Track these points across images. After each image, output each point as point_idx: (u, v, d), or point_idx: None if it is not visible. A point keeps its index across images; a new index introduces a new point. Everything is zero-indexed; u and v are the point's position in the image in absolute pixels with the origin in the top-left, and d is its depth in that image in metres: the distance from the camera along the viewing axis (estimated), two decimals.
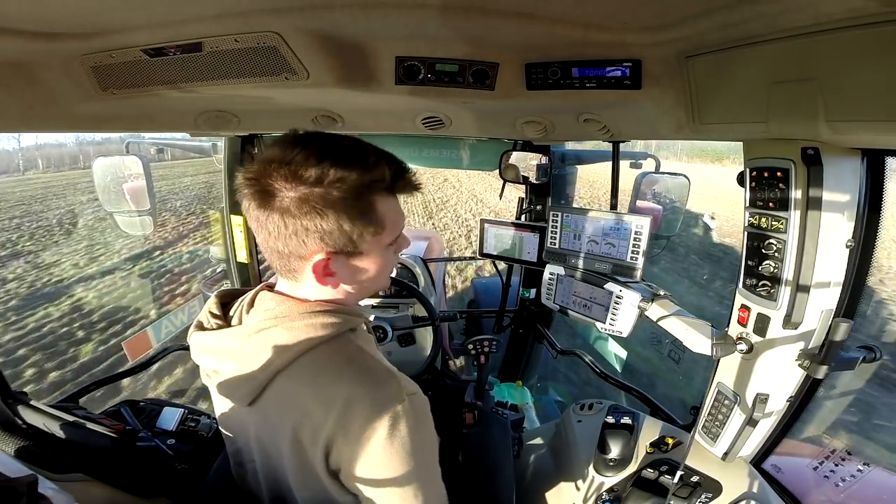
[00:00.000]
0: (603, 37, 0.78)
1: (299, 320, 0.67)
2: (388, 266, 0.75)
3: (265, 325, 0.67)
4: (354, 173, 0.63)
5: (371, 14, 0.73)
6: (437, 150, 2.02)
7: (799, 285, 0.87)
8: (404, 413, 0.63)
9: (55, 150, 34.54)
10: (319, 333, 0.66)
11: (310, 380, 0.65)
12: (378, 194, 0.66)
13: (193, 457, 1.20)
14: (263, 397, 0.67)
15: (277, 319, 0.67)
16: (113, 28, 0.75)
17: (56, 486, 0.70)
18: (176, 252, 8.80)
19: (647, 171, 1.78)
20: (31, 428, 1.10)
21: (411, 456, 0.63)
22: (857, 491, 1.06)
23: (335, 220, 0.63)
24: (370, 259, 0.70)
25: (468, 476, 1.19)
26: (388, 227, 0.69)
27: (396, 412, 0.62)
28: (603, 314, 1.27)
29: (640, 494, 1.12)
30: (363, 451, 0.61)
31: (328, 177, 0.61)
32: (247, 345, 0.67)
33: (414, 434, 0.63)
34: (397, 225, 0.71)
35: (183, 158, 23.07)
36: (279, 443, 0.67)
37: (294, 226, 0.63)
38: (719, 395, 1.09)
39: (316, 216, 0.62)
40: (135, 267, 7.97)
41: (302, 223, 0.62)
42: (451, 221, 11.27)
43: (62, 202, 15.62)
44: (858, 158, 0.84)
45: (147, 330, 3.32)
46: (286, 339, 0.66)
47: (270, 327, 0.67)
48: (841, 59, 0.60)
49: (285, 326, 0.66)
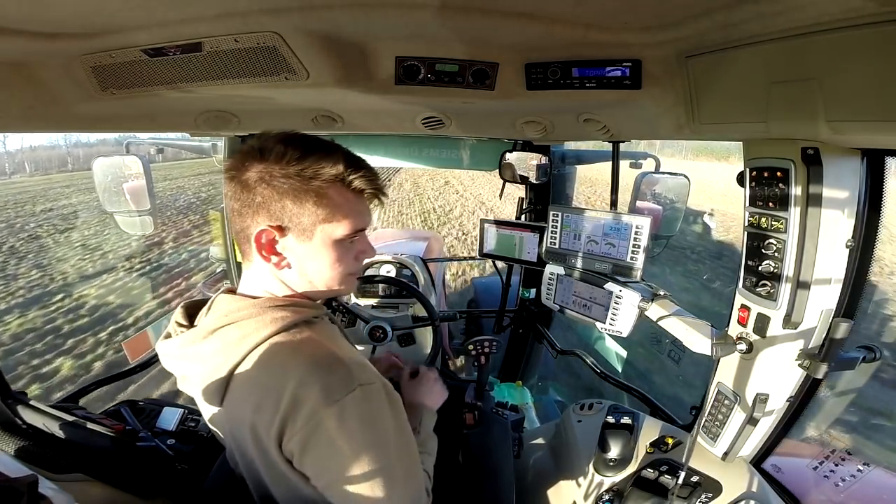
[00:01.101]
0: (603, 37, 0.78)
1: (248, 318, 0.68)
2: (342, 265, 0.74)
3: (218, 323, 0.69)
4: (312, 157, 0.68)
5: (371, 14, 0.73)
6: (437, 150, 2.02)
7: (799, 285, 0.87)
8: (353, 403, 0.62)
9: (45, 153, 34.17)
10: (269, 327, 0.67)
11: (259, 372, 0.66)
12: (333, 183, 0.70)
13: (193, 457, 1.20)
14: (228, 395, 0.69)
15: (228, 317, 0.69)
16: (113, 28, 0.75)
17: (56, 486, 0.70)
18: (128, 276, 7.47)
19: (647, 171, 1.77)
20: (31, 428, 1.10)
21: (367, 449, 0.63)
22: (857, 491, 1.06)
23: (284, 196, 0.68)
24: (319, 248, 0.71)
25: (468, 476, 1.19)
26: (340, 218, 0.70)
27: (343, 402, 0.61)
28: (603, 314, 1.27)
29: (640, 494, 1.12)
30: (311, 442, 0.62)
31: (287, 156, 0.67)
32: (203, 346, 0.69)
33: (367, 426, 0.63)
34: (352, 221, 0.72)
35: (174, 159, 22.70)
36: (245, 439, 0.68)
37: (248, 197, 0.69)
38: (719, 395, 1.09)
39: (267, 188, 0.68)
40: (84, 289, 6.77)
41: (255, 195, 0.68)
42: (457, 240, 8.93)
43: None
44: (858, 158, 0.84)
45: (147, 330, 3.32)
46: (237, 335, 0.67)
47: (223, 325, 0.69)
48: (841, 59, 0.60)
49: (237, 325, 0.68)
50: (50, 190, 19.32)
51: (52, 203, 15.30)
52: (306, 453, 0.62)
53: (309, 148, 0.69)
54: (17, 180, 26.42)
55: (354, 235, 0.74)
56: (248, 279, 0.76)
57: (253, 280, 0.75)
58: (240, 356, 0.67)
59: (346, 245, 0.74)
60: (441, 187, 16.53)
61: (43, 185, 21.53)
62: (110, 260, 8.44)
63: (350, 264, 0.76)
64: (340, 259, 0.74)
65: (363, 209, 0.74)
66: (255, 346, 0.67)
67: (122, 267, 7.92)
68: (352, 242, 0.75)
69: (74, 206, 14.85)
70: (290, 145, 0.68)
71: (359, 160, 0.73)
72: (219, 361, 0.67)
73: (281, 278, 0.74)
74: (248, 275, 0.76)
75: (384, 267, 2.19)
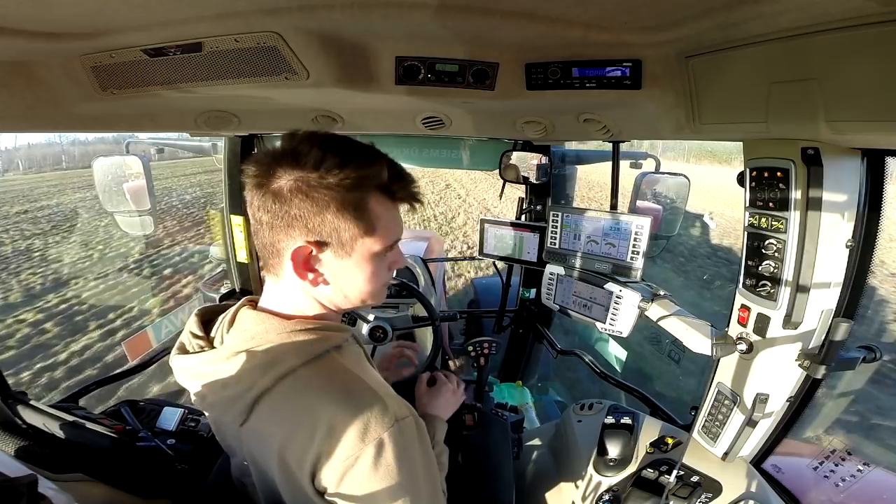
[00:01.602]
0: (603, 37, 0.78)
1: (278, 340, 0.64)
2: (378, 278, 0.71)
3: (243, 346, 0.65)
4: (353, 165, 0.62)
5: (371, 14, 0.72)
6: (437, 150, 2.02)
7: (799, 285, 0.87)
8: (391, 440, 0.60)
9: (41, 151, 33.65)
10: (300, 355, 0.64)
11: (293, 403, 0.63)
12: (373, 193, 0.65)
13: (193, 457, 1.20)
14: (252, 418, 0.65)
15: (255, 340, 0.65)
16: (113, 28, 0.75)
17: (56, 486, 0.70)
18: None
19: (647, 171, 1.78)
20: (31, 428, 1.10)
21: (400, 486, 0.61)
22: (857, 491, 1.06)
23: (324, 209, 0.62)
24: (357, 263, 0.67)
25: (468, 477, 1.19)
26: (380, 231, 0.66)
27: (381, 439, 0.59)
28: (603, 314, 1.27)
29: (640, 494, 1.12)
30: (347, 479, 0.59)
31: (325, 164, 0.61)
32: (226, 367, 0.65)
33: (402, 462, 0.61)
34: (391, 233, 0.69)
35: (171, 158, 21.84)
36: (269, 463, 0.66)
37: (282, 209, 0.62)
38: (719, 395, 1.09)
39: (305, 200, 0.61)
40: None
41: (291, 207, 0.62)
42: (462, 255, 7.67)
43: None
44: (858, 158, 0.84)
45: (147, 330, 3.32)
46: (265, 361, 0.63)
47: (249, 349, 0.64)
48: (841, 59, 0.60)
49: (263, 349, 0.64)
50: (35, 189, 18.40)
51: (30, 204, 14.29)
52: (340, 487, 0.60)
53: (348, 153, 0.64)
54: (10, 178, 25.66)
55: (391, 247, 0.71)
56: (276, 294, 0.71)
57: (281, 296, 0.70)
58: (268, 383, 0.63)
59: (383, 257, 0.70)
60: (442, 191, 15.49)
61: (33, 184, 20.50)
62: (64, 275, 7.38)
63: (384, 276, 0.73)
64: (377, 272, 0.70)
65: (399, 218, 0.71)
66: (284, 374, 0.63)
67: (73, 283, 6.83)
68: (387, 254, 0.71)
69: (51, 207, 13.83)
70: (328, 150, 0.62)
71: (399, 168, 0.69)
72: (244, 386, 0.64)
73: (314, 295, 0.69)
74: (276, 290, 0.70)
75: None
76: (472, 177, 15.88)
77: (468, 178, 16.60)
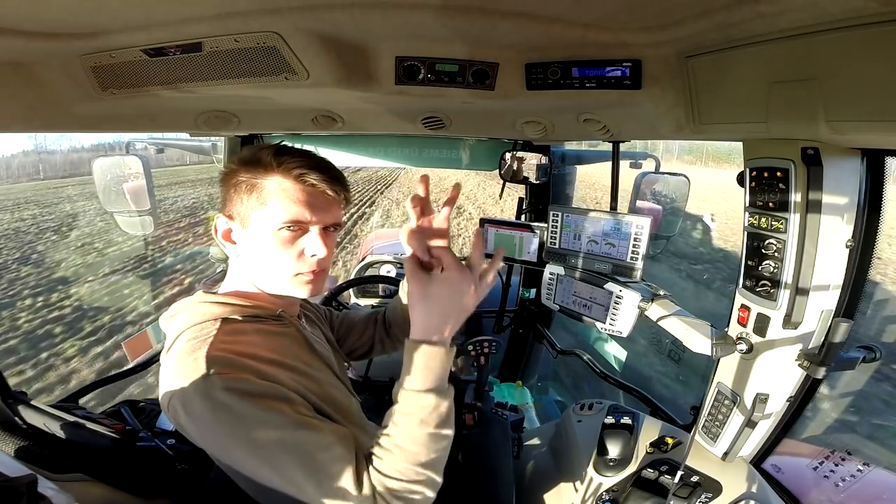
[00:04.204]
0: (603, 37, 0.78)
1: (190, 309, 0.74)
2: (281, 260, 0.73)
3: (175, 310, 0.76)
4: (256, 149, 0.75)
5: (371, 14, 0.73)
6: (437, 150, 2.02)
7: (799, 285, 0.87)
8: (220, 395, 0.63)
9: (19, 160, 33.14)
10: (186, 323, 0.72)
11: (163, 371, 0.70)
12: (263, 169, 0.73)
13: (193, 457, 1.20)
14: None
15: (180, 306, 0.76)
16: (113, 28, 0.75)
17: (56, 486, 0.70)
18: None
19: (647, 171, 1.77)
20: (31, 428, 1.10)
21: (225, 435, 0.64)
22: (857, 491, 1.06)
23: (229, 188, 0.75)
24: (257, 238, 0.73)
25: (468, 477, 1.19)
26: (271, 206, 0.72)
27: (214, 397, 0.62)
28: (603, 314, 1.27)
29: (639, 494, 1.12)
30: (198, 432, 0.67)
31: (244, 155, 0.76)
32: (167, 325, 0.76)
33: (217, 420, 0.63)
34: (286, 208, 0.72)
35: (158, 166, 20.62)
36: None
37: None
38: (719, 395, 1.09)
39: (222, 184, 0.77)
40: None
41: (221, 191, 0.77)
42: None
43: None
44: (858, 158, 0.84)
45: (147, 330, 3.32)
46: (181, 323, 0.73)
47: (178, 313, 0.75)
48: (841, 59, 0.60)
49: (182, 314, 0.74)
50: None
51: None
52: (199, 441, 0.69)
53: (255, 149, 0.76)
54: None
55: (294, 229, 0.73)
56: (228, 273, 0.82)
57: (229, 273, 0.81)
58: (173, 338, 0.72)
59: (285, 236, 0.72)
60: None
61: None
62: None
63: (293, 262, 0.74)
64: (279, 254, 0.73)
65: (300, 197, 0.72)
66: (173, 340, 0.71)
67: None
68: (287, 233, 0.72)
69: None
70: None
71: (293, 148, 0.76)
72: (170, 337, 0.73)
73: (243, 271, 0.78)
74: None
75: (384, 267, 2.19)
76: (483, 193, 15.22)
77: (479, 194, 16.18)
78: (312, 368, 0.76)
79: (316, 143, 1.94)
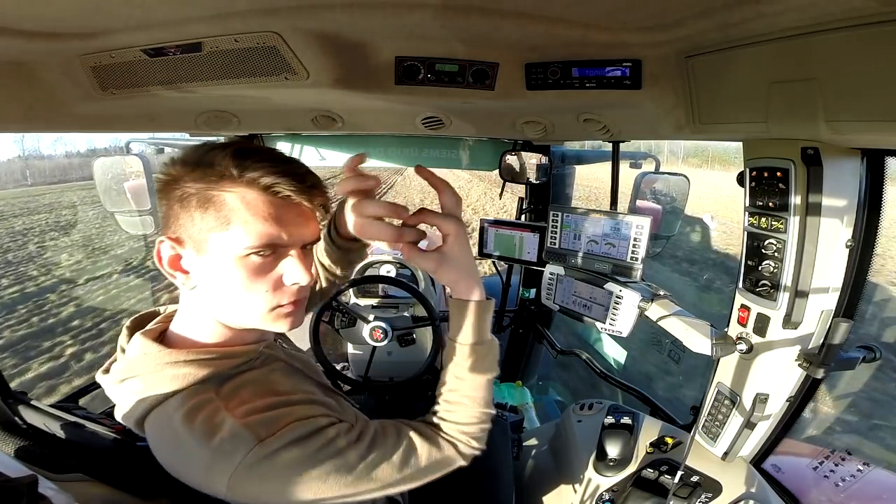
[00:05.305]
0: (602, 37, 0.78)
1: (153, 372, 0.61)
2: (249, 289, 0.59)
3: (126, 374, 0.63)
4: (205, 149, 0.58)
5: (371, 14, 0.72)
6: (437, 150, 2.02)
7: (799, 285, 0.87)
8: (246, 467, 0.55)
9: (5, 167, 32.72)
10: (166, 387, 0.60)
11: (157, 438, 0.62)
12: (224, 181, 0.56)
13: None
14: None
15: (135, 369, 0.62)
16: (112, 28, 0.75)
17: (56, 486, 0.70)
18: None
19: (646, 170, 1.77)
20: (31, 428, 1.10)
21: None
22: (857, 491, 1.06)
23: (172, 201, 0.58)
24: (218, 267, 0.58)
25: (468, 477, 1.19)
26: (235, 226, 0.56)
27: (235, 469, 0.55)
28: (603, 314, 1.27)
29: (639, 494, 1.12)
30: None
31: (178, 159, 0.59)
32: (117, 393, 0.64)
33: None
34: (255, 230, 0.57)
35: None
36: None
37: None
38: (719, 395, 1.09)
39: (161, 195, 0.60)
40: None
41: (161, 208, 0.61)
42: None
43: None
44: (858, 159, 0.84)
45: None
46: (142, 392, 0.61)
47: (130, 377, 0.62)
48: (841, 59, 0.60)
49: (141, 378, 0.61)
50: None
51: None
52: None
53: (200, 148, 0.60)
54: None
55: (263, 252, 0.58)
56: (180, 309, 0.67)
57: (181, 312, 0.67)
58: (143, 413, 0.61)
59: (254, 263, 0.58)
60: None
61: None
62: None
63: (268, 295, 0.60)
64: (248, 283, 0.59)
65: (269, 212, 0.57)
66: (154, 405, 0.60)
67: None
68: (263, 262, 0.59)
69: None
70: (188, 149, 0.60)
71: (254, 148, 0.60)
72: (129, 412, 0.63)
73: (201, 306, 0.64)
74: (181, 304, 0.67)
75: (384, 267, 2.19)
76: (493, 205, 14.71)
77: (474, 197, 16.04)
78: (313, 393, 0.71)
79: (316, 143, 1.94)
